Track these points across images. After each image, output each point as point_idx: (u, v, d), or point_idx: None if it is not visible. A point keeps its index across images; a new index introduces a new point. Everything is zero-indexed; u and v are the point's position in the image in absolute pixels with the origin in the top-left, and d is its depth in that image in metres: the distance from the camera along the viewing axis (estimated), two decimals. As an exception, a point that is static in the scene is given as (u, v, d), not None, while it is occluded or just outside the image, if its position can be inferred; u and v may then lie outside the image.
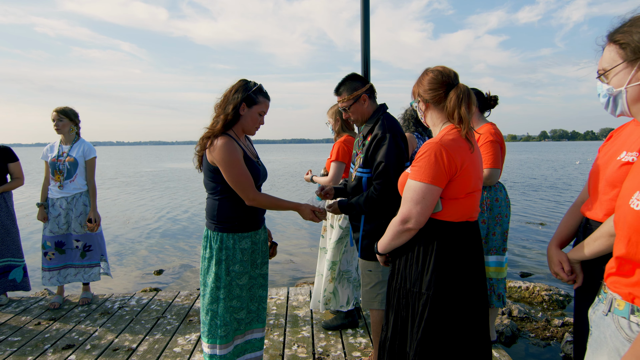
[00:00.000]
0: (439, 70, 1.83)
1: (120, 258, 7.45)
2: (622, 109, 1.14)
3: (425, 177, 1.67)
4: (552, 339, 3.87)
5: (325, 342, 3.19)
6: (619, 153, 1.53)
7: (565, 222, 1.74)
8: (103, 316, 3.76)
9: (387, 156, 2.28)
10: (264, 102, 2.25)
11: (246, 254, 2.29)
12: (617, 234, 1.12)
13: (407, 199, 1.73)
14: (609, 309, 1.13)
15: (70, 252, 3.95)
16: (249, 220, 2.30)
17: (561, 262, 1.61)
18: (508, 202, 2.99)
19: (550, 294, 4.85)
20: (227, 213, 2.23)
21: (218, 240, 2.24)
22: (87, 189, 3.95)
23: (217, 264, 2.24)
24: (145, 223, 10.68)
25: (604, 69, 1.17)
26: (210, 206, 2.28)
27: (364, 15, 3.84)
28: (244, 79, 2.24)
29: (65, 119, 3.84)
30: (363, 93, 2.45)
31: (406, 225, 1.74)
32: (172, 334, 3.37)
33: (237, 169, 2.12)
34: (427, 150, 1.69)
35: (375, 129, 2.38)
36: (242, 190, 2.16)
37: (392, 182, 2.25)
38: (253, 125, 2.27)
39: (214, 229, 2.25)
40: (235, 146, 2.14)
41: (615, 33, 1.15)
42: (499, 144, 2.84)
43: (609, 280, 1.16)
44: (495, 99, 3.01)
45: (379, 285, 2.51)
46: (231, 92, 2.19)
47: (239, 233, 2.26)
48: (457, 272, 1.75)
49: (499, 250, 2.96)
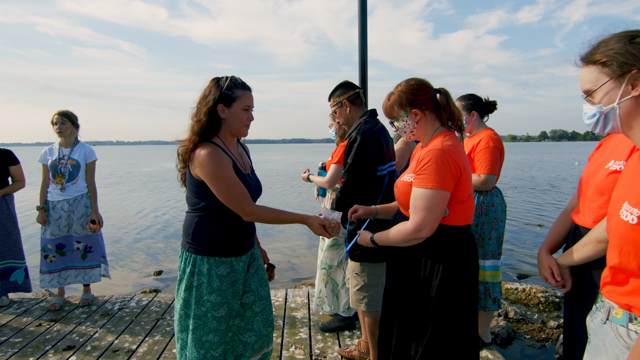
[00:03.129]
0: (415, 78, 1.88)
1: (120, 259, 7.50)
2: (613, 125, 1.15)
3: (435, 184, 1.69)
4: (548, 341, 3.90)
5: (323, 344, 3.23)
6: (607, 161, 1.57)
7: (555, 227, 1.79)
8: (103, 317, 3.80)
9: (355, 156, 2.46)
10: (243, 95, 1.93)
11: (225, 282, 1.97)
12: (610, 243, 1.16)
13: (419, 207, 1.71)
14: (607, 317, 1.17)
15: (70, 254, 3.99)
16: (230, 244, 1.99)
17: (551, 266, 1.66)
18: (504, 206, 3.03)
19: (547, 296, 4.88)
20: (205, 233, 1.94)
21: (190, 263, 1.95)
22: (87, 191, 4.00)
23: (187, 290, 1.96)
24: (144, 223, 10.73)
25: (589, 90, 1.19)
26: (187, 222, 2.00)
27: (361, 15, 3.87)
28: (215, 77, 1.94)
29: (68, 122, 3.89)
30: (345, 99, 2.67)
31: (420, 233, 1.72)
32: (172, 336, 3.41)
33: (225, 180, 1.84)
34: (431, 158, 1.70)
35: (353, 134, 2.55)
36: (236, 204, 1.87)
37: (354, 181, 2.46)
38: (241, 125, 1.96)
39: (188, 249, 1.97)
40: (221, 155, 1.87)
41: (592, 54, 1.17)
42: (498, 151, 2.89)
43: (605, 289, 1.20)
44: (494, 103, 3.06)
45: (365, 288, 2.60)
46: (203, 97, 1.92)
47: (215, 257, 1.94)
48: (464, 275, 1.80)
49: (494, 255, 3.00)
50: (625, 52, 1.09)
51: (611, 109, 1.14)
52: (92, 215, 3.97)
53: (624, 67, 1.10)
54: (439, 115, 1.87)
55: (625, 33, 1.14)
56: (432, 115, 1.86)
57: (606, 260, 1.19)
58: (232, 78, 1.92)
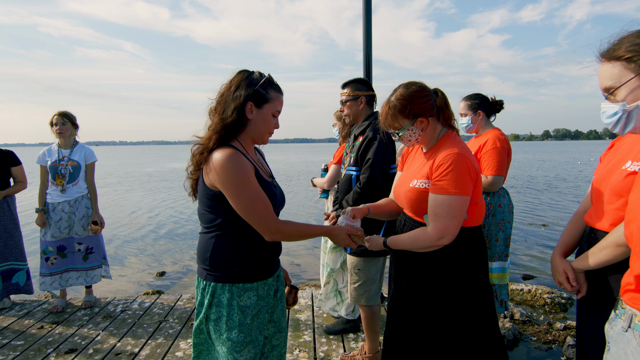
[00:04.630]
0: (414, 83, 1.82)
1: (122, 260, 7.47)
2: (636, 125, 1.10)
3: (459, 189, 1.65)
4: (554, 343, 3.85)
5: (327, 347, 3.19)
6: (623, 162, 1.52)
7: (568, 231, 1.74)
8: (105, 320, 3.77)
9: (375, 154, 2.52)
10: (277, 99, 1.68)
11: (248, 314, 1.65)
12: (634, 250, 1.11)
13: (441, 214, 1.66)
14: (629, 325, 1.12)
15: (71, 256, 3.96)
16: (256, 265, 1.68)
17: (566, 271, 1.61)
18: (511, 208, 2.98)
19: (553, 297, 4.83)
20: (225, 255, 1.63)
21: (209, 293, 1.64)
22: (87, 192, 3.97)
23: (205, 322, 1.67)
24: (146, 223, 10.71)
25: (611, 87, 1.14)
26: (202, 245, 1.68)
27: (365, 14, 3.84)
28: (245, 69, 1.68)
29: (68, 122, 3.87)
30: (363, 95, 2.71)
31: (441, 241, 1.68)
32: (174, 338, 3.38)
33: (249, 192, 1.55)
34: (451, 163, 1.66)
35: (367, 131, 2.61)
36: (260, 221, 1.58)
37: (375, 178, 2.51)
38: (266, 131, 1.70)
39: (205, 277, 1.66)
40: (244, 160, 1.58)
41: (615, 50, 1.12)
42: (505, 151, 2.84)
43: (627, 296, 1.15)
44: (500, 103, 3.02)
45: (367, 283, 2.64)
46: (230, 90, 1.64)
47: (238, 284, 1.64)
48: (480, 275, 1.81)
49: (501, 256, 2.95)
50: None
51: (635, 107, 1.09)
52: (94, 216, 3.95)
53: None
54: (439, 117, 1.85)
55: None
56: (434, 119, 1.82)
57: (630, 267, 1.14)
58: (269, 76, 1.68)
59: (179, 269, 6.94)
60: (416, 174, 1.83)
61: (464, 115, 3.06)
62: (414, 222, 1.86)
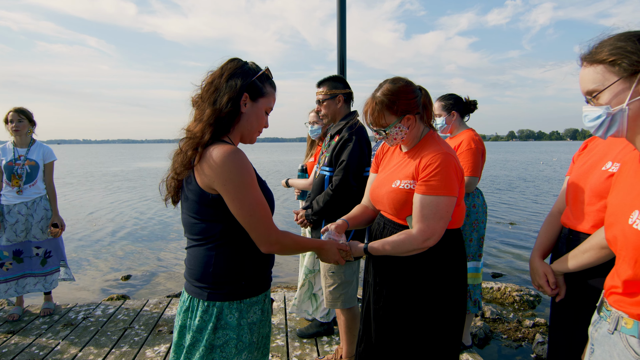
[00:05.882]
0: (401, 79, 1.76)
1: (85, 263, 7.15)
2: (618, 128, 1.09)
3: (447, 190, 1.62)
4: (524, 340, 3.92)
5: (301, 351, 3.12)
6: (602, 163, 1.52)
7: (545, 232, 1.73)
8: (66, 328, 3.57)
9: (350, 156, 2.43)
10: (272, 95, 1.55)
11: (256, 332, 1.49)
12: (620, 254, 1.10)
13: (428, 215, 1.62)
14: (615, 328, 1.11)
15: (28, 261, 3.73)
16: (262, 273, 1.53)
17: (546, 274, 1.60)
18: (485, 208, 3.00)
19: (521, 294, 4.94)
20: (230, 269, 1.43)
21: (214, 316, 1.40)
22: (46, 193, 3.76)
23: (208, 352, 1.41)
24: (110, 225, 10.31)
25: (594, 90, 1.12)
26: (198, 261, 1.45)
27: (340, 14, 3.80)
28: (236, 57, 1.52)
29: (25, 119, 3.65)
30: (340, 94, 2.62)
31: (426, 242, 1.64)
32: (140, 346, 3.23)
33: (253, 195, 1.38)
34: (440, 163, 1.62)
35: (343, 131, 2.54)
36: (261, 228, 1.40)
37: (348, 181, 2.42)
38: (258, 129, 1.56)
39: (208, 297, 1.42)
40: (247, 159, 1.40)
41: (597, 53, 1.11)
42: (479, 152, 2.85)
43: (612, 298, 1.14)
44: (474, 103, 3.03)
45: (342, 286, 2.58)
46: (222, 77, 1.44)
47: (246, 299, 1.45)
48: (459, 278, 1.79)
49: (475, 256, 2.97)
50: (637, 50, 1.04)
51: (619, 111, 1.08)
52: (53, 218, 3.74)
53: (635, 66, 1.04)
54: (423, 116, 1.80)
55: (632, 32, 1.09)
56: (419, 117, 1.78)
57: (616, 271, 1.13)
58: (267, 68, 1.54)
59: (145, 271, 6.70)
60: (398, 174, 1.78)
61: (438, 115, 3.05)
62: (395, 225, 1.80)
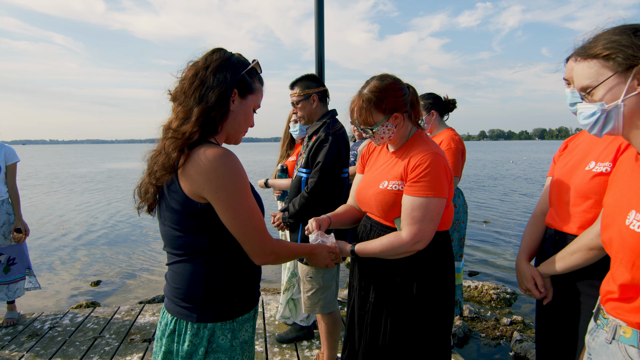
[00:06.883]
0: (387, 75, 1.70)
1: (50, 269, 6.82)
2: (614, 125, 1.06)
3: (437, 192, 1.56)
4: (502, 338, 3.95)
5: (280, 357, 3.03)
6: (585, 162, 1.49)
7: (530, 234, 1.71)
8: (31, 339, 3.37)
9: (326, 157, 2.36)
10: (260, 91, 1.44)
11: (247, 351, 1.39)
12: (616, 257, 1.07)
13: (418, 217, 1.56)
14: (613, 337, 1.07)
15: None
16: (253, 287, 1.41)
17: (534, 277, 1.57)
18: (465, 208, 2.99)
19: (498, 292, 4.99)
20: (222, 286, 1.30)
21: (205, 339, 1.28)
22: (8, 197, 3.54)
23: None
24: (78, 229, 9.92)
25: (588, 86, 1.09)
26: (185, 279, 1.30)
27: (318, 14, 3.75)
28: (220, 47, 1.35)
29: (-16, 118, 3.42)
30: (314, 93, 2.53)
31: (416, 245, 1.58)
32: (112, 356, 3.07)
33: (248, 203, 1.26)
34: (430, 163, 1.56)
35: (320, 131, 2.46)
36: (256, 239, 1.28)
37: (325, 183, 2.36)
38: (244, 128, 1.42)
39: (197, 319, 1.28)
40: (241, 163, 1.27)
41: (592, 47, 1.08)
42: (460, 152, 2.82)
43: (609, 305, 1.10)
44: (453, 102, 3.02)
45: (320, 291, 2.52)
46: (208, 70, 1.28)
47: (238, 317, 1.34)
48: (448, 279, 1.74)
49: (456, 257, 2.95)
50: (632, 44, 1.00)
51: (615, 107, 1.04)
52: (16, 222, 3.52)
53: (630, 60, 1.01)
54: (410, 114, 1.74)
55: (626, 26, 1.05)
56: (407, 116, 1.72)
57: (611, 275, 1.09)
58: (257, 62, 1.40)
59: (116, 276, 6.46)
60: (386, 174, 1.71)
61: (417, 115, 3.02)
62: (382, 227, 1.73)
